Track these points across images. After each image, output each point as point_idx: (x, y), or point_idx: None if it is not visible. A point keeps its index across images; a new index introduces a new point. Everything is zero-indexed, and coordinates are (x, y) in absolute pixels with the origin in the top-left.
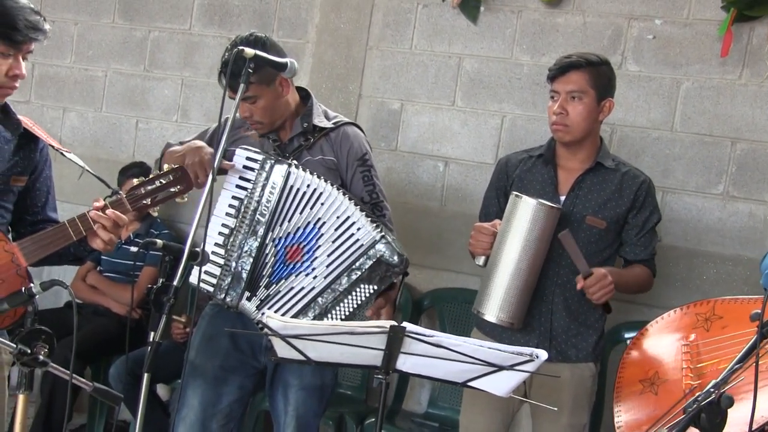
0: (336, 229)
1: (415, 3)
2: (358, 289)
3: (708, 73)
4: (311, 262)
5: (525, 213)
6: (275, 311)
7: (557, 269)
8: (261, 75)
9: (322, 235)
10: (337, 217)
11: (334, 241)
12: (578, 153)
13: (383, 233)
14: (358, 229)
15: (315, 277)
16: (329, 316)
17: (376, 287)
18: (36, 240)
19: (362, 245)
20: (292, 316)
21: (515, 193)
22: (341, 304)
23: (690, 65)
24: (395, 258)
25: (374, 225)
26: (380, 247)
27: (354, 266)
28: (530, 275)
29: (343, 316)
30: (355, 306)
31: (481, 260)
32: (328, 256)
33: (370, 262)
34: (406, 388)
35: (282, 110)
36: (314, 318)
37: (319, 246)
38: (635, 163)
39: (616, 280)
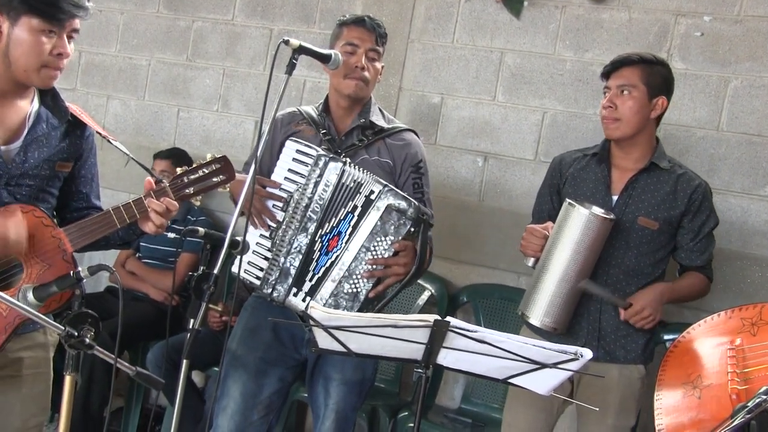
0: (362, 206)
1: None
2: (375, 244)
3: (758, 71)
4: (345, 244)
5: (577, 222)
6: (323, 297)
7: (607, 269)
8: (385, 46)
9: (354, 217)
10: (365, 197)
11: (358, 215)
12: (632, 152)
13: (385, 184)
14: (371, 191)
15: (347, 251)
16: (355, 276)
17: (392, 237)
18: (81, 226)
19: (370, 199)
20: (333, 290)
21: (569, 201)
22: (362, 263)
23: (739, 63)
24: (402, 203)
25: (377, 181)
26: (386, 197)
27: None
28: (578, 282)
29: (365, 271)
30: (377, 256)
31: (530, 261)
32: (353, 227)
33: (379, 213)
34: (440, 383)
35: (371, 88)
36: (341, 279)
37: (350, 225)
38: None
39: (669, 297)
